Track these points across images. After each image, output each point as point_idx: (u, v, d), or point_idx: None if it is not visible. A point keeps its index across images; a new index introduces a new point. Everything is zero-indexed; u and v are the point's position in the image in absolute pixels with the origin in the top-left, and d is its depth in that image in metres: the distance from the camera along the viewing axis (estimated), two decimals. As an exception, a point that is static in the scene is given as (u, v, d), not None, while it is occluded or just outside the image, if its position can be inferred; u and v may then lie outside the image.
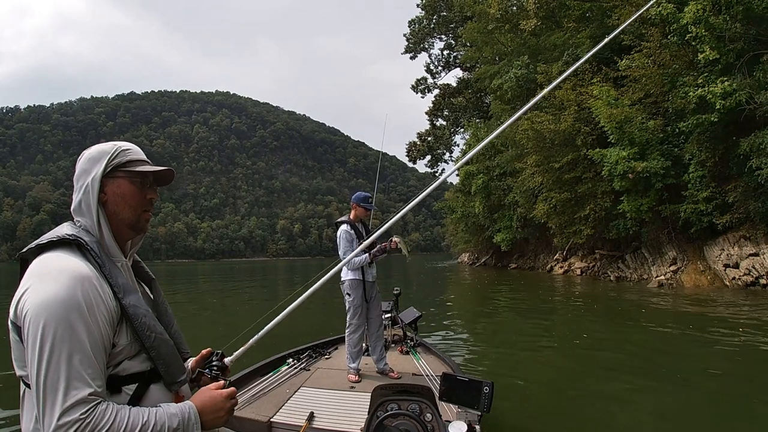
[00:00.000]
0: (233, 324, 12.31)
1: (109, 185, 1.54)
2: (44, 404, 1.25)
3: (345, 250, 5.19)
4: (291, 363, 5.29)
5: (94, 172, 1.52)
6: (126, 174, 1.56)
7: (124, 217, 1.56)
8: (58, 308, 1.28)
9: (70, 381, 1.25)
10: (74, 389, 1.25)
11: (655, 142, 17.62)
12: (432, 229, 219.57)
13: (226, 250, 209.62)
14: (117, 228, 1.57)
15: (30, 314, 1.28)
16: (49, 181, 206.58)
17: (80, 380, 1.27)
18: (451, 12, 43.55)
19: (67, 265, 1.37)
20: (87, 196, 1.52)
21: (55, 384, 1.24)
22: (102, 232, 1.53)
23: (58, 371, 1.25)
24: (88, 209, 1.52)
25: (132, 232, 1.61)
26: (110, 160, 1.54)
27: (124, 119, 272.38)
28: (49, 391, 1.24)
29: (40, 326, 1.26)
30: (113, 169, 1.54)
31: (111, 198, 1.54)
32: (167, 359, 1.53)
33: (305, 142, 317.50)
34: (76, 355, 1.27)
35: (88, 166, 1.54)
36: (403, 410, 2.71)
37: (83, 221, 1.53)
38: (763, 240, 15.36)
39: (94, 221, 1.52)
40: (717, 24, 14.35)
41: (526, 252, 35.31)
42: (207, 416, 1.51)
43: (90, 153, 1.56)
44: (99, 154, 1.55)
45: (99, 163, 1.53)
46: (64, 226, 1.52)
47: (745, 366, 7.00)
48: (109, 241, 1.54)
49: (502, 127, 3.12)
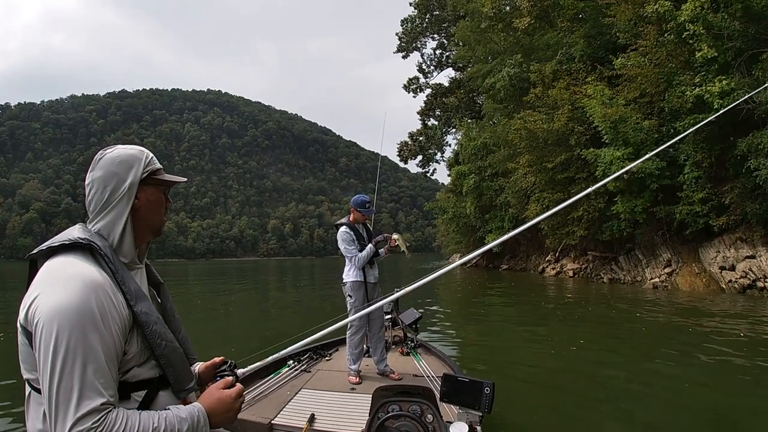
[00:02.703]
0: (221, 330, 12.07)
1: (143, 191, 1.55)
2: (56, 413, 1.23)
3: (347, 250, 5.25)
4: (291, 365, 5.31)
5: (130, 177, 1.52)
6: (156, 182, 1.60)
7: (152, 222, 1.60)
8: (72, 316, 1.27)
9: (83, 391, 1.24)
10: (87, 399, 1.24)
11: (650, 142, 17.32)
12: (423, 230, 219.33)
13: (217, 249, 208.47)
14: (140, 233, 1.58)
15: (42, 321, 1.27)
16: (39, 179, 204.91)
17: (93, 390, 1.26)
18: (444, 11, 43.50)
19: (81, 272, 1.36)
20: (120, 200, 1.51)
21: (68, 393, 1.23)
22: (124, 237, 1.52)
23: (71, 381, 1.24)
24: (119, 213, 1.51)
25: (152, 235, 1.64)
26: (145, 166, 1.56)
27: (115, 117, 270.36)
28: (62, 401, 1.23)
29: (53, 334, 1.25)
30: (147, 176, 1.56)
31: (144, 204, 1.56)
32: (176, 367, 1.53)
33: (297, 142, 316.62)
34: (89, 364, 1.26)
35: (119, 169, 1.51)
36: (404, 411, 2.75)
37: (102, 224, 1.50)
38: (760, 242, 15.08)
39: (121, 226, 1.51)
40: (715, 22, 14.11)
41: (518, 253, 35.11)
42: (216, 417, 1.52)
43: (118, 156, 1.54)
44: (131, 158, 1.54)
45: (134, 169, 1.53)
46: (75, 229, 1.49)
47: (747, 368, 6.78)
48: (130, 247, 1.54)
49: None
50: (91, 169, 1.53)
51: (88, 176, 1.53)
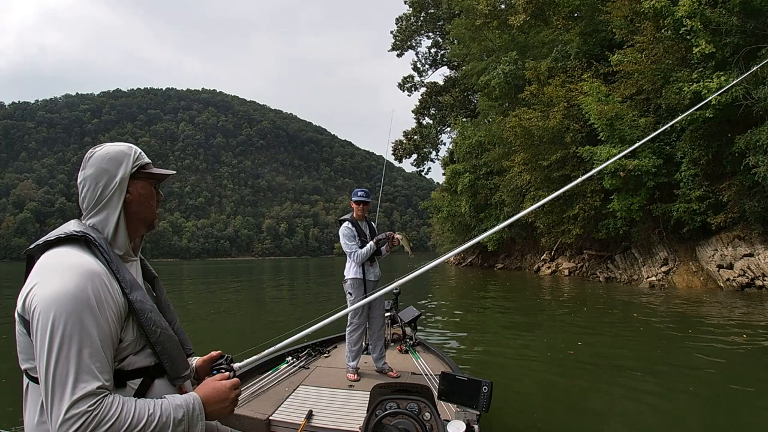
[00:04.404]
0: (217, 328, 11.86)
1: (133, 186, 1.58)
2: (52, 397, 1.25)
3: (347, 245, 5.26)
4: (290, 361, 5.31)
5: (120, 172, 1.55)
6: (145, 175, 1.63)
7: (145, 215, 1.64)
8: (68, 302, 1.28)
9: (79, 374, 1.25)
10: (83, 382, 1.26)
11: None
12: (418, 229, 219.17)
13: (212, 249, 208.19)
14: (134, 226, 1.62)
15: (39, 308, 1.28)
16: (33, 179, 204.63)
17: (89, 373, 1.27)
18: (439, 9, 43.44)
19: (77, 261, 1.38)
20: (111, 195, 1.54)
21: (64, 377, 1.25)
22: (118, 230, 1.56)
23: (67, 364, 1.25)
24: (112, 208, 1.54)
25: (145, 229, 1.68)
26: (134, 161, 1.59)
27: (110, 116, 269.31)
28: (58, 384, 1.25)
29: (49, 320, 1.27)
30: (136, 170, 1.60)
31: (135, 198, 1.59)
32: (172, 354, 1.56)
33: (292, 141, 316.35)
34: (85, 348, 1.28)
35: (109, 166, 1.54)
36: (402, 409, 2.74)
37: (96, 219, 1.54)
38: (758, 240, 14.92)
39: (115, 220, 1.54)
40: (713, 17, 13.90)
41: (513, 252, 35.07)
42: (211, 407, 1.53)
43: (107, 153, 1.57)
44: (119, 154, 1.57)
45: (123, 164, 1.57)
46: (70, 224, 1.52)
47: (748, 370, 6.67)
48: (124, 240, 1.58)
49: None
50: (82, 168, 1.55)
51: (79, 175, 1.56)
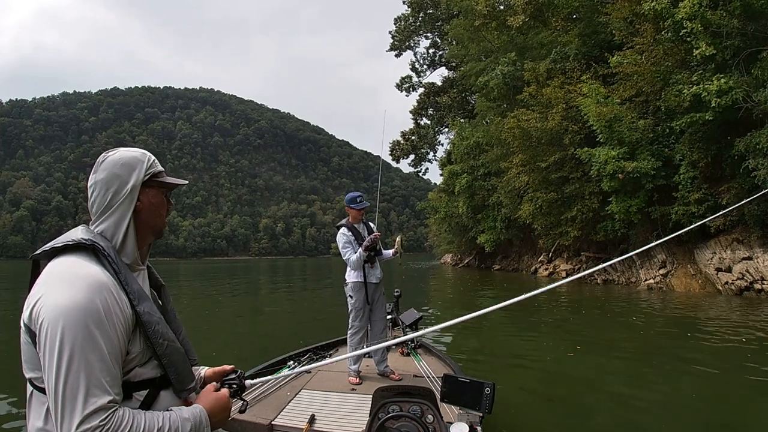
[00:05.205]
0: (218, 334, 11.50)
1: (145, 194, 1.56)
2: (62, 411, 1.23)
3: (344, 251, 5.29)
4: (292, 365, 5.30)
5: (133, 179, 1.53)
6: (158, 184, 1.60)
7: (154, 224, 1.61)
8: (78, 315, 1.26)
9: (90, 388, 1.24)
10: (94, 396, 1.24)
11: (645, 141, 17.12)
12: (416, 230, 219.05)
13: (208, 248, 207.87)
14: (143, 235, 1.59)
15: (48, 320, 1.26)
16: (30, 177, 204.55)
17: (99, 388, 1.26)
18: (438, 9, 43.31)
19: (86, 272, 1.36)
20: (122, 201, 1.51)
21: (75, 391, 1.23)
22: (127, 238, 1.53)
23: (77, 379, 1.23)
24: (121, 215, 1.51)
25: (153, 237, 1.65)
26: (147, 169, 1.56)
27: (107, 115, 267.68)
28: (69, 399, 1.23)
29: (58, 333, 1.25)
30: (149, 178, 1.57)
31: (146, 206, 1.56)
32: (178, 367, 1.53)
33: (289, 141, 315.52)
34: (96, 362, 1.26)
35: (121, 171, 1.52)
36: (405, 412, 2.75)
37: (105, 226, 1.51)
38: (757, 243, 14.86)
39: (124, 228, 1.51)
40: (713, 19, 13.80)
41: (510, 253, 34.92)
42: (215, 417, 1.54)
43: (120, 158, 1.54)
44: (133, 161, 1.55)
45: (136, 171, 1.54)
46: (78, 230, 1.50)
47: (748, 373, 6.60)
48: (133, 248, 1.55)
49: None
50: (94, 171, 1.53)
51: (90, 178, 1.53)
